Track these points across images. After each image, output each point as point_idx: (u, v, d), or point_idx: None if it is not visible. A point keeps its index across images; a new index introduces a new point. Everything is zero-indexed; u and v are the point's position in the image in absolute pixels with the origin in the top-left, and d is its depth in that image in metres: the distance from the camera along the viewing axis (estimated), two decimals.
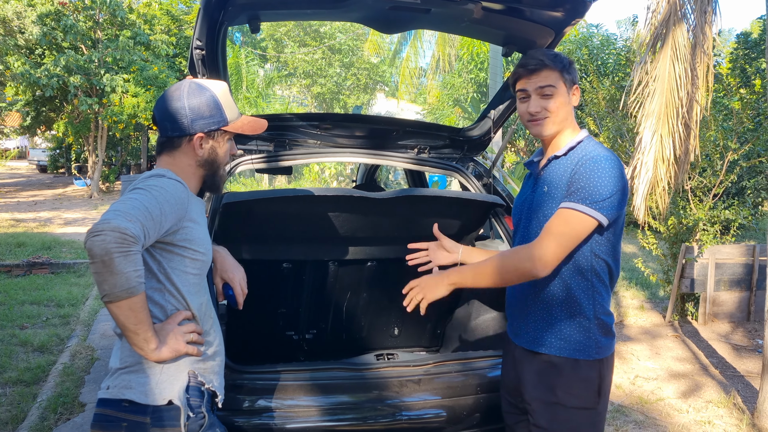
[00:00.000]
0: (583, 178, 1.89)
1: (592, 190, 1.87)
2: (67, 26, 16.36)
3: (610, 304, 2.05)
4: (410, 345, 3.73)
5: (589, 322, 1.98)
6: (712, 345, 5.84)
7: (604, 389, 2.01)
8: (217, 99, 1.85)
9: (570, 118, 2.07)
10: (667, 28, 4.56)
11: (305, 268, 3.17)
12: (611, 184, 1.87)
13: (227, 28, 2.50)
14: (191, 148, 1.84)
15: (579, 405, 1.99)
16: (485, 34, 3.06)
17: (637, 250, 10.25)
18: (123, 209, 1.56)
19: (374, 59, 32.87)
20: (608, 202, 1.87)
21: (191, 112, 1.81)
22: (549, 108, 2.02)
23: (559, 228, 1.89)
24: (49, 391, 4.30)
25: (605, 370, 2.01)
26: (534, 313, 2.07)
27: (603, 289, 2.00)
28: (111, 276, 1.51)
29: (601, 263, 1.98)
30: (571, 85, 2.05)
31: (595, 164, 1.89)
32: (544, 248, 1.88)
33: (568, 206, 1.89)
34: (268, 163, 3.18)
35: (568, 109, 2.05)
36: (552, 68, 2.01)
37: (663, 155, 4.66)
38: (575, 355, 1.98)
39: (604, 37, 16.57)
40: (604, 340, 2.01)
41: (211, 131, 1.85)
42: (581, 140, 2.03)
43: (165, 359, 1.71)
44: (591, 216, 1.87)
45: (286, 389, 2.45)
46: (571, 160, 1.98)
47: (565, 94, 2.03)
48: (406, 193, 2.87)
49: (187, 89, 1.84)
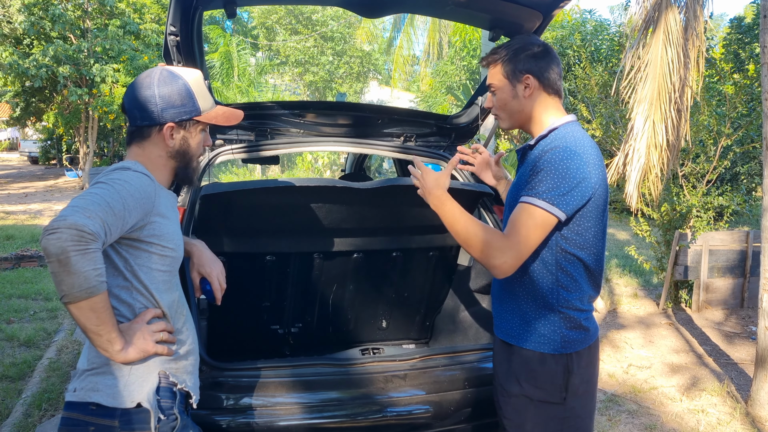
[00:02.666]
0: (542, 170, 1.82)
1: (550, 183, 1.80)
2: (56, 16, 16.18)
3: (584, 299, 1.96)
4: (399, 338, 3.68)
5: (555, 315, 1.93)
6: (705, 332, 5.81)
7: (574, 384, 1.94)
8: (190, 88, 1.77)
9: (527, 110, 2.00)
10: (659, 12, 4.48)
11: (289, 261, 3.10)
12: (568, 176, 1.80)
13: (202, 12, 2.41)
14: (161, 139, 1.76)
15: (544, 398, 1.94)
16: (470, 18, 2.98)
17: (630, 237, 10.21)
18: (81, 205, 1.48)
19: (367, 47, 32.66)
20: (565, 196, 1.80)
21: (161, 100, 1.73)
22: (495, 104, 2.05)
23: (521, 225, 1.82)
24: (34, 387, 4.24)
25: (574, 365, 1.94)
26: (507, 304, 2.03)
27: (570, 283, 1.92)
28: (68, 276, 1.43)
29: (568, 257, 1.90)
30: (519, 75, 1.96)
31: (554, 155, 1.82)
32: (510, 250, 1.82)
33: (528, 200, 1.83)
34: (249, 153, 3.10)
35: (517, 102, 1.99)
36: (495, 63, 2.00)
37: (656, 141, 4.59)
38: (541, 348, 1.93)
39: (597, 23, 16.46)
40: (573, 334, 1.94)
41: (183, 121, 1.77)
42: (555, 128, 1.95)
43: (132, 360, 1.64)
44: (548, 212, 1.80)
45: (268, 386, 2.39)
46: (538, 151, 1.91)
47: (508, 89, 1.99)
48: (391, 182, 2.79)
49: (158, 77, 1.75)
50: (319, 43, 30.84)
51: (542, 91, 1.98)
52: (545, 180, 1.81)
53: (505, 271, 1.84)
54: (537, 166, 1.84)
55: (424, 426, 2.52)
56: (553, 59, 1.99)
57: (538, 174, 1.83)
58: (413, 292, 3.48)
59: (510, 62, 1.97)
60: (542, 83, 1.97)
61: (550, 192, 1.79)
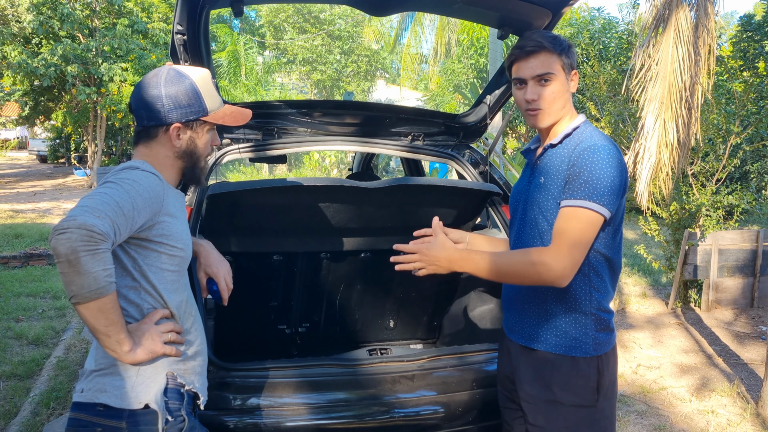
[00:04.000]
0: (584, 171, 1.78)
1: (595, 183, 1.77)
2: (64, 15, 16.25)
3: (610, 300, 1.96)
4: (406, 337, 3.66)
5: (586, 318, 1.91)
6: (715, 332, 5.77)
7: (604, 386, 1.92)
8: (197, 87, 1.75)
9: (568, 106, 1.96)
10: (670, 10, 4.44)
11: (296, 260, 3.09)
12: (612, 175, 1.77)
13: (209, 11, 2.40)
14: (168, 139, 1.75)
15: (576, 402, 1.91)
16: (479, 16, 2.95)
17: (639, 236, 10.16)
18: (91, 204, 1.47)
19: (374, 46, 32.60)
20: (610, 195, 1.78)
21: (168, 100, 1.72)
22: (545, 96, 1.90)
23: (575, 231, 1.78)
24: (43, 386, 4.25)
25: (604, 367, 1.93)
26: (529, 308, 1.99)
27: (600, 284, 1.91)
28: (78, 276, 1.42)
29: (598, 257, 1.89)
30: (570, 70, 1.93)
31: (594, 155, 1.79)
32: (564, 258, 1.76)
33: (575, 204, 1.78)
34: (256, 152, 3.09)
35: (567, 96, 1.94)
36: (551, 51, 1.89)
37: (666, 140, 4.55)
38: (572, 352, 1.90)
39: (605, 20, 16.37)
40: (602, 336, 1.93)
41: (189, 121, 1.76)
42: (577, 126, 1.93)
43: (140, 361, 1.63)
44: (597, 212, 1.77)
45: (276, 387, 2.38)
46: (567, 149, 1.88)
47: (564, 80, 1.92)
48: (399, 182, 2.78)
49: (164, 76, 1.74)
50: (327, 41, 30.81)
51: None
52: (588, 180, 1.77)
53: (565, 278, 1.78)
54: (577, 164, 1.80)
55: (432, 427, 2.50)
56: None
57: (580, 176, 1.79)
58: (421, 291, 3.46)
59: (568, 55, 1.92)
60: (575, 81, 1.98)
61: (597, 192, 1.76)
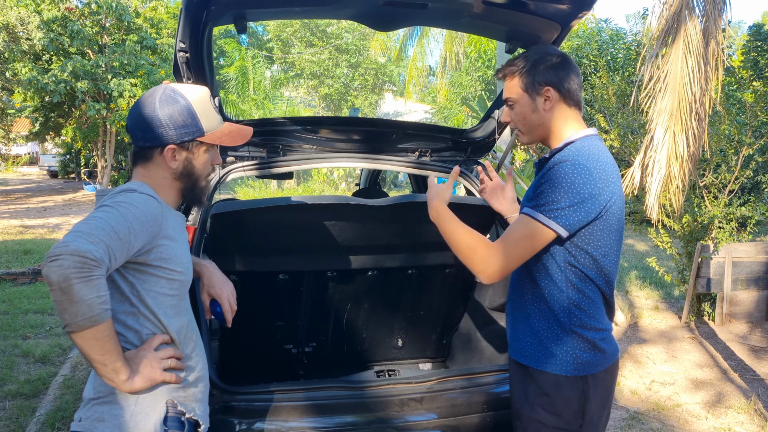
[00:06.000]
0: (546, 183, 1.75)
1: (551, 197, 1.73)
2: (74, 32, 16.43)
3: (600, 318, 1.87)
4: (415, 356, 3.60)
5: (567, 335, 1.83)
6: (730, 347, 5.66)
7: (590, 411, 1.84)
8: (192, 108, 1.71)
9: (547, 124, 1.91)
10: (679, 22, 4.39)
11: (302, 279, 3.04)
12: (572, 192, 1.71)
13: (212, 28, 2.37)
14: (164, 160, 1.71)
15: (558, 425, 1.84)
16: (487, 30, 2.91)
17: (650, 249, 10.04)
18: (85, 230, 1.43)
19: (381, 59, 32.69)
20: (567, 212, 1.72)
21: (162, 121, 1.68)
22: (513, 119, 1.97)
23: (515, 234, 1.78)
24: (48, 405, 4.21)
25: (590, 390, 1.84)
26: (519, 323, 1.95)
27: (584, 302, 1.83)
28: (71, 304, 1.38)
29: (579, 274, 1.81)
30: (537, 88, 1.88)
31: (560, 170, 1.74)
32: (494, 256, 1.77)
33: (526, 212, 1.77)
34: (260, 169, 3.05)
35: (537, 116, 1.91)
36: (512, 76, 1.92)
37: (676, 152, 4.48)
38: (555, 370, 1.84)
39: (613, 31, 16.34)
40: (586, 356, 1.84)
41: (185, 142, 1.71)
42: (572, 141, 1.87)
43: (139, 389, 1.58)
44: (545, 224, 1.73)
45: (281, 410, 2.32)
46: (549, 164, 1.83)
47: (527, 102, 1.90)
48: (405, 199, 2.73)
49: (159, 96, 1.70)
50: (334, 55, 30.95)
51: (562, 104, 1.90)
52: (547, 193, 1.74)
53: (489, 276, 1.79)
54: (543, 178, 1.78)
55: None
56: (573, 69, 1.91)
57: (542, 186, 1.76)
58: (429, 310, 3.40)
59: (528, 74, 1.88)
60: (562, 95, 1.89)
61: (549, 205, 1.73)
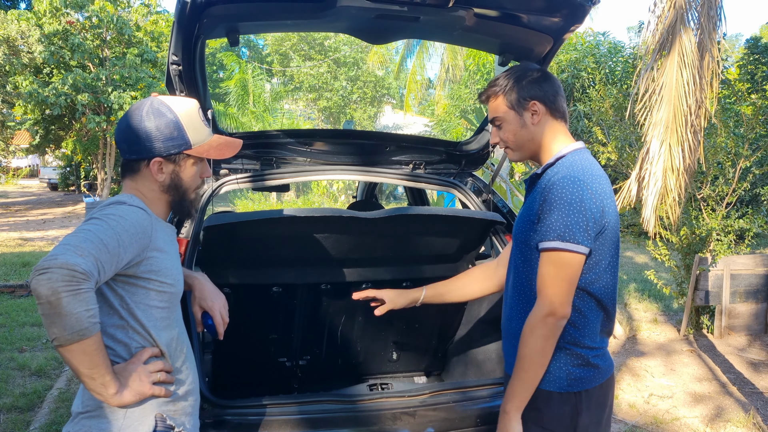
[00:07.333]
0: (550, 205, 1.74)
1: (566, 221, 1.72)
2: (75, 45, 16.50)
3: (594, 335, 1.86)
4: (410, 370, 3.58)
5: (559, 351, 1.82)
6: (729, 360, 5.64)
7: (582, 426, 1.83)
8: (178, 120, 1.70)
9: (537, 138, 1.91)
10: (673, 34, 4.40)
11: (296, 292, 3.03)
12: (582, 210, 1.72)
13: (204, 41, 2.38)
14: (150, 173, 1.71)
15: None
16: (480, 43, 2.93)
17: (649, 261, 10.03)
18: (74, 242, 1.43)
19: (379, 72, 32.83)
20: (586, 230, 1.72)
21: (148, 134, 1.68)
22: (503, 138, 1.96)
23: (555, 276, 1.74)
24: (43, 419, 4.19)
25: (583, 405, 1.83)
26: (512, 338, 1.93)
27: (579, 319, 1.82)
28: (59, 318, 1.37)
29: (578, 292, 1.80)
30: (523, 103, 1.89)
31: (564, 189, 1.74)
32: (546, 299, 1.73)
33: (550, 246, 1.74)
34: (254, 182, 3.05)
35: (527, 131, 1.91)
36: (495, 95, 1.92)
37: (672, 165, 4.48)
38: (547, 386, 1.82)
39: (611, 44, 16.41)
40: (579, 372, 1.83)
41: (171, 155, 1.71)
42: (563, 155, 1.87)
43: (128, 403, 1.57)
44: (575, 252, 1.72)
45: (273, 424, 2.30)
46: (544, 182, 1.83)
47: (514, 118, 1.91)
48: (399, 212, 2.73)
49: (146, 109, 1.70)
50: (333, 68, 31.10)
51: (549, 116, 1.91)
52: (562, 217, 1.72)
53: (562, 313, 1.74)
54: (547, 200, 1.75)
55: None
56: (554, 82, 1.92)
57: (552, 212, 1.73)
58: (424, 322, 3.39)
59: (513, 91, 1.89)
60: (549, 108, 1.90)
61: (569, 229, 1.71)
